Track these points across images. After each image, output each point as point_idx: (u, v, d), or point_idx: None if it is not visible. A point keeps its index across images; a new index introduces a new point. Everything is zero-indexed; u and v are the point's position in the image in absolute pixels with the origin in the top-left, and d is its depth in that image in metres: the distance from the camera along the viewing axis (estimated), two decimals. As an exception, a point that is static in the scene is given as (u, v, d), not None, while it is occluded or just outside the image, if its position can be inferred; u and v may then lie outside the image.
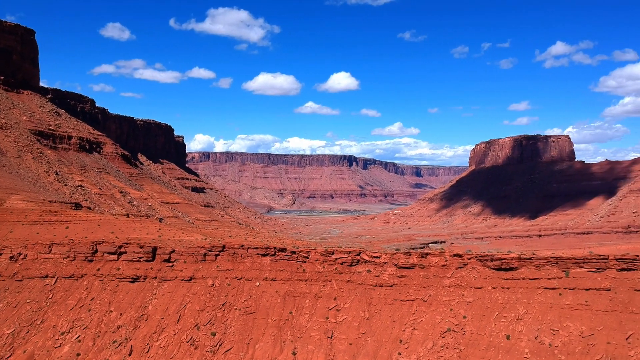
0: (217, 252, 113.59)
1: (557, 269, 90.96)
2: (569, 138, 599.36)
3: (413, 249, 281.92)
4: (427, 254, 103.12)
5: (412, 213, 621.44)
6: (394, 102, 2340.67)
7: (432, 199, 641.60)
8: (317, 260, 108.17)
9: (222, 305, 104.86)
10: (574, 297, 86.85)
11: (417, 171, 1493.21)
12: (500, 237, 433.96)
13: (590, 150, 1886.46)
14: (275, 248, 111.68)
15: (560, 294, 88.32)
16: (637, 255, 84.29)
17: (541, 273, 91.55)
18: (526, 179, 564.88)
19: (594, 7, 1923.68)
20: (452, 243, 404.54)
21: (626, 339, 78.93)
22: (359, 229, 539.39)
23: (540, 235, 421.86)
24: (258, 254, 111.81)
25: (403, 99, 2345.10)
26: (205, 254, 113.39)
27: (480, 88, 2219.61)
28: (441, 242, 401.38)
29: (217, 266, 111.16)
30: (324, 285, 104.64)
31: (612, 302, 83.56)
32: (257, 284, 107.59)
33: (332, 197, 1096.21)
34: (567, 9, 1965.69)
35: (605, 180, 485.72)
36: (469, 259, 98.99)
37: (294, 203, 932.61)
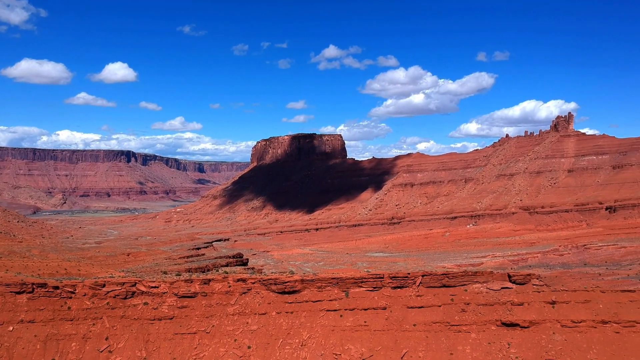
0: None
1: (338, 289, 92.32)
2: (341, 136, 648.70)
3: (197, 248, 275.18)
4: (210, 280, 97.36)
5: (195, 210, 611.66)
6: (175, 95, 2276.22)
7: (215, 196, 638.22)
8: (85, 295, 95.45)
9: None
10: (354, 317, 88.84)
11: (200, 167, 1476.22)
12: (282, 232, 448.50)
13: (359, 147, 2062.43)
14: (33, 284, 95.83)
15: (341, 316, 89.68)
16: (409, 273, 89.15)
17: (323, 295, 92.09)
18: (303, 175, 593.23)
19: (362, 15, 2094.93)
20: (235, 240, 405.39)
21: (401, 357, 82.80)
22: (139, 229, 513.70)
23: (317, 229, 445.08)
24: (11, 291, 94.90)
25: (184, 93, 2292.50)
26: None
27: (260, 86, 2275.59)
28: (225, 240, 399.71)
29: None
30: (93, 324, 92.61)
31: (388, 321, 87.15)
32: (11, 328, 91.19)
33: (109, 195, 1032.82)
34: (339, 15, 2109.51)
35: (374, 175, 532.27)
36: (253, 283, 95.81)
37: (65, 202, 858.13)
